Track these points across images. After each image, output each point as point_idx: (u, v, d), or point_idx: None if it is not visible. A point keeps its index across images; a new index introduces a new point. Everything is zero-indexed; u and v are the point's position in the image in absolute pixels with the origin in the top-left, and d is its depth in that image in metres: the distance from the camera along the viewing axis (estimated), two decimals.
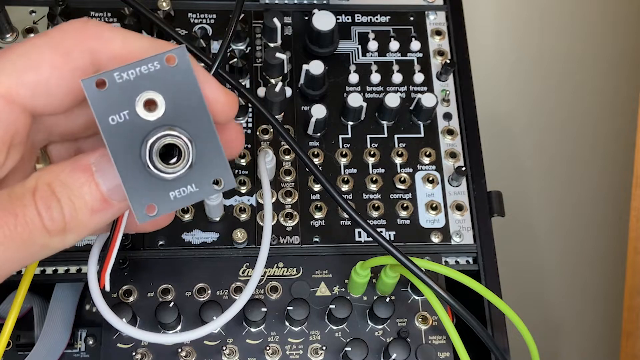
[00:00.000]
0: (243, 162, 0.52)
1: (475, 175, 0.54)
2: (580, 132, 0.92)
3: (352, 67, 0.57)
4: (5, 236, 0.28)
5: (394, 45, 0.57)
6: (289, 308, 0.47)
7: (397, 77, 0.56)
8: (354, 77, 0.56)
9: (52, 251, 0.30)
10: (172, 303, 0.46)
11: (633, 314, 0.69)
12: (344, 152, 0.54)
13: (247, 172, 0.52)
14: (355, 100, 0.53)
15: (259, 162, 0.48)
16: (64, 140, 0.35)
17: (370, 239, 0.45)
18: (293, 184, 0.52)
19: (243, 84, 0.54)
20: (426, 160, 0.54)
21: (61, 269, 0.49)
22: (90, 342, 0.54)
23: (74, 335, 0.54)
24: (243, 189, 0.51)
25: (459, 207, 0.53)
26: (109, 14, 0.56)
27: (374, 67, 0.57)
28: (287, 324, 0.48)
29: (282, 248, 0.50)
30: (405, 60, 0.57)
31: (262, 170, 0.47)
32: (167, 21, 0.54)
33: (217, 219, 0.51)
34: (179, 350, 0.47)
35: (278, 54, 0.53)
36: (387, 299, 0.48)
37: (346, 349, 0.47)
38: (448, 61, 0.56)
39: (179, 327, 0.48)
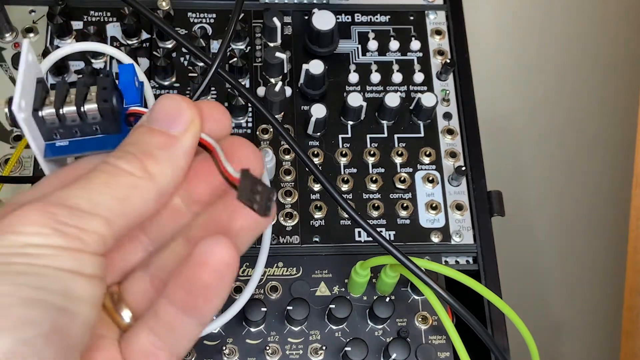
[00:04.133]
0: None
1: (475, 175, 0.54)
2: (580, 132, 0.92)
3: (352, 67, 0.57)
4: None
5: (394, 44, 0.57)
6: (288, 308, 0.47)
7: (397, 77, 0.56)
8: (353, 77, 0.56)
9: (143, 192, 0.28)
10: None
11: (633, 313, 0.69)
12: (344, 152, 0.53)
13: None
14: (355, 99, 0.53)
15: None
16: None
17: (370, 238, 0.45)
18: (293, 183, 0.52)
19: (243, 83, 0.54)
20: (426, 159, 0.54)
21: None
22: None
23: None
24: None
25: (459, 207, 0.53)
26: (109, 14, 0.56)
27: (373, 67, 0.57)
28: (287, 323, 0.48)
29: (282, 248, 0.50)
30: (405, 59, 0.57)
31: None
32: (167, 21, 0.54)
33: None
34: None
35: (278, 54, 0.53)
36: (387, 299, 0.48)
37: (346, 348, 0.46)
38: (448, 61, 0.56)
39: None
